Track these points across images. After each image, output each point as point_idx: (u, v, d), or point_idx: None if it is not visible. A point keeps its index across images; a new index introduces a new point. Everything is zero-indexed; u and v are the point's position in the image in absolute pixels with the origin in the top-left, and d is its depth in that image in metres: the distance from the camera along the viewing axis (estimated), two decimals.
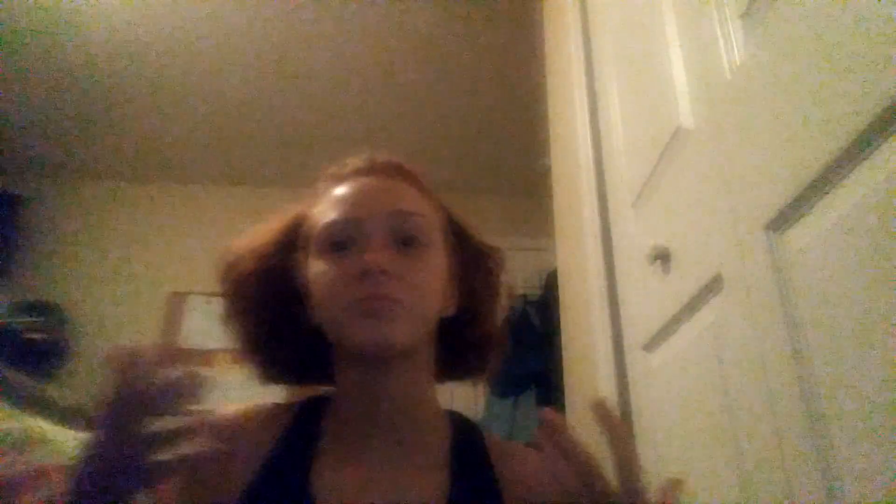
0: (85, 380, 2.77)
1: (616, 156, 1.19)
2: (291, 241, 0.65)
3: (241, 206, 3.16)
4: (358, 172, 0.65)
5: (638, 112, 1.08)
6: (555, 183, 1.69)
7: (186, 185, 3.38)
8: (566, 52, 1.53)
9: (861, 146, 0.48)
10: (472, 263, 0.68)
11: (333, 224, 0.59)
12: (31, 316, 2.81)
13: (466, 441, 0.63)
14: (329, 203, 0.62)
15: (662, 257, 0.89)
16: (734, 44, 0.70)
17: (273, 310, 0.64)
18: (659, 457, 0.90)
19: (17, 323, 2.75)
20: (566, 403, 1.47)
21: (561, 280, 1.61)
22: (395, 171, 0.65)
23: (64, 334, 2.88)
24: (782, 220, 0.59)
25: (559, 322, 1.60)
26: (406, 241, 0.59)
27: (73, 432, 1.30)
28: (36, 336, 2.74)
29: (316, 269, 0.59)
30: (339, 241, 0.58)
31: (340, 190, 0.63)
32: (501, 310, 0.71)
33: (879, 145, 0.47)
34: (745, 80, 0.67)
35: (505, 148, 3.13)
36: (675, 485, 0.44)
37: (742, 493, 0.65)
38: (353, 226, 0.59)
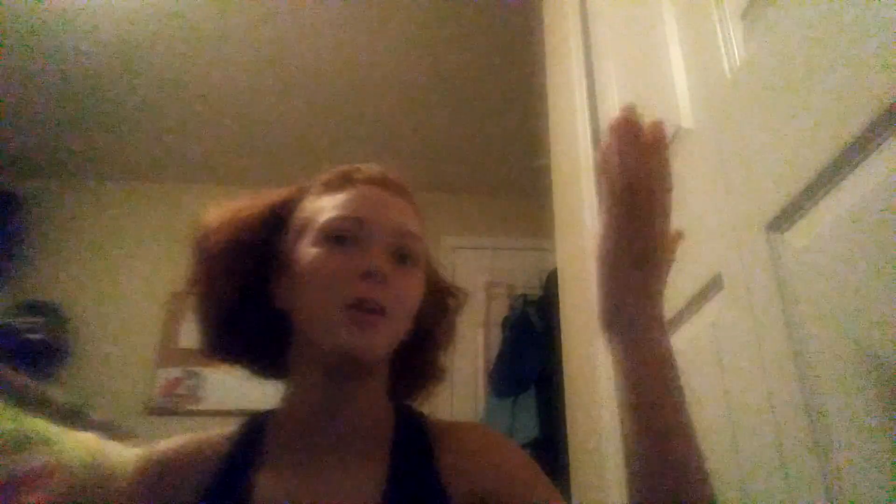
0: (85, 380, 2.78)
1: None
2: (276, 221, 0.66)
3: None
4: (370, 181, 0.66)
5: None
6: (555, 183, 1.69)
7: (186, 185, 3.38)
8: (566, 52, 1.53)
9: (861, 146, 0.48)
10: (434, 297, 0.70)
11: (342, 219, 0.60)
12: (31, 316, 2.81)
13: (408, 434, 0.63)
14: (340, 199, 0.63)
15: None
16: (734, 44, 0.70)
17: (242, 283, 0.64)
18: None
19: (17, 323, 2.75)
20: (566, 403, 1.47)
21: (561, 280, 1.61)
22: (403, 192, 0.68)
23: (64, 334, 2.88)
24: (782, 220, 0.59)
25: (559, 322, 1.60)
26: (402, 258, 0.61)
27: (73, 432, 1.30)
28: (36, 336, 2.74)
29: (312, 255, 0.59)
30: (342, 235, 0.59)
31: (352, 191, 0.64)
32: (447, 349, 0.73)
33: (879, 145, 0.47)
34: (745, 80, 0.67)
35: (505, 148, 3.13)
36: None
37: (742, 493, 0.65)
38: (360, 226, 0.60)
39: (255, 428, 0.63)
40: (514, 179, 3.27)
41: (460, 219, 3.41)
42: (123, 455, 1.37)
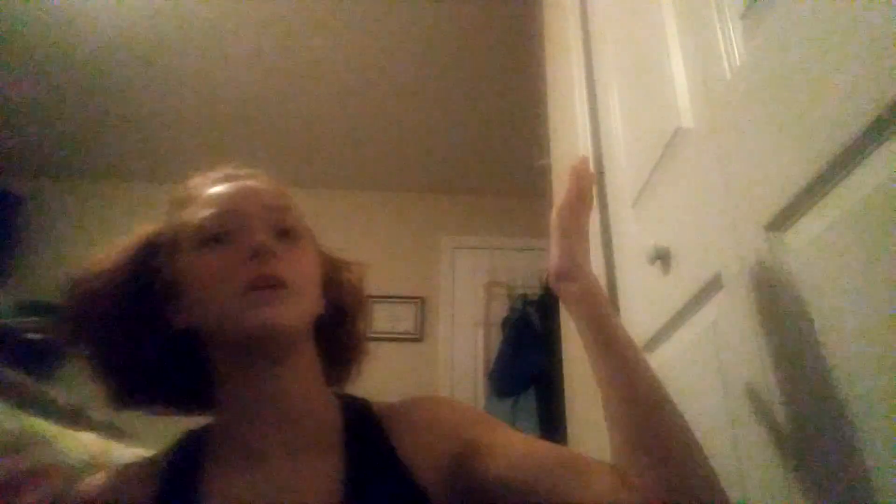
0: (85, 380, 2.78)
1: (616, 156, 1.19)
2: (147, 255, 0.65)
3: None
4: (227, 178, 0.67)
5: (638, 112, 1.08)
6: (555, 183, 1.69)
7: None
8: (566, 52, 1.53)
9: (861, 146, 0.48)
10: (333, 272, 0.69)
11: (211, 217, 0.60)
12: (31, 316, 2.80)
13: (358, 421, 0.62)
14: (202, 201, 0.63)
15: (662, 257, 0.89)
16: (734, 44, 0.70)
17: (134, 319, 0.61)
18: None
19: (17, 323, 2.75)
20: (566, 403, 1.47)
21: None
22: (255, 177, 0.68)
23: None
24: (782, 220, 0.59)
25: (559, 322, 1.60)
26: (283, 233, 0.61)
27: (73, 432, 1.30)
28: (36, 336, 2.74)
29: (194, 261, 0.58)
30: (218, 233, 0.59)
31: (213, 189, 0.64)
32: (364, 322, 0.73)
33: (879, 145, 0.47)
34: (745, 80, 0.67)
35: (505, 148, 3.13)
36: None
37: (742, 492, 0.65)
38: (232, 218, 0.60)
39: (193, 442, 0.61)
40: (514, 179, 3.27)
41: (460, 219, 3.42)
42: (123, 455, 1.37)
